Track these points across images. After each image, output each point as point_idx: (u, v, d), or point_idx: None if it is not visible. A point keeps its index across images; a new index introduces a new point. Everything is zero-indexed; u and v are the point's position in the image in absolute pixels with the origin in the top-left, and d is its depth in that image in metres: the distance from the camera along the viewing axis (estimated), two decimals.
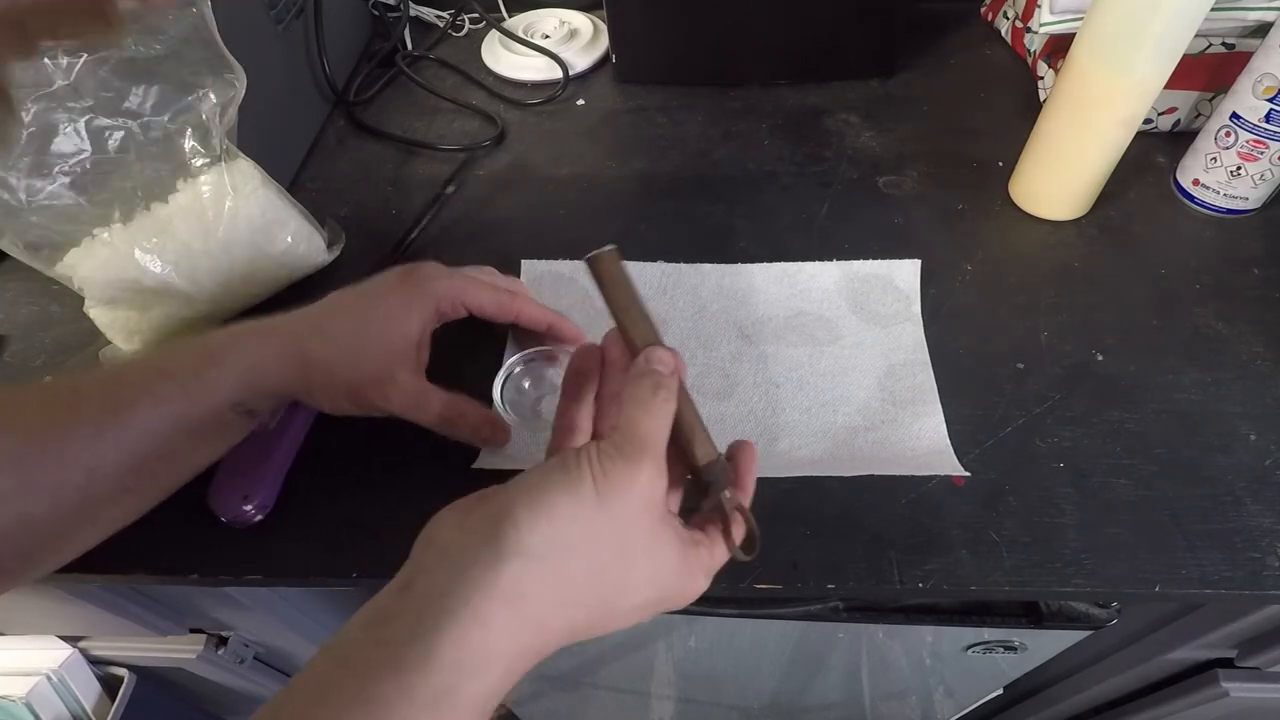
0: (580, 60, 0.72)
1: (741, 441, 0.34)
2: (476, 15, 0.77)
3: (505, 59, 0.73)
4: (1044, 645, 0.60)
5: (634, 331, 0.32)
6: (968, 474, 0.43)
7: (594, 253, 0.33)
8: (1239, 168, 0.53)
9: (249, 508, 0.41)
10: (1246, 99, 0.51)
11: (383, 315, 0.38)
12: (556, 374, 0.49)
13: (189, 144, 0.47)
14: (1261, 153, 0.52)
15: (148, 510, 0.38)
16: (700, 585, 0.31)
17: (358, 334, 0.38)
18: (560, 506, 0.26)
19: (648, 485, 0.28)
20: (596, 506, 0.27)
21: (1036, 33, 0.64)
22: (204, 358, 0.36)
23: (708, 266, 0.54)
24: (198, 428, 0.36)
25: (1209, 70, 0.57)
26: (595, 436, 0.34)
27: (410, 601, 0.25)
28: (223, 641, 0.69)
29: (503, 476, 0.45)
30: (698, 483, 0.32)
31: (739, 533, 0.32)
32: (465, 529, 0.27)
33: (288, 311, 0.39)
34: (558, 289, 0.53)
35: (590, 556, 0.27)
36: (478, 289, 0.41)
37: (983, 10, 0.76)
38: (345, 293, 0.40)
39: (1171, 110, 0.60)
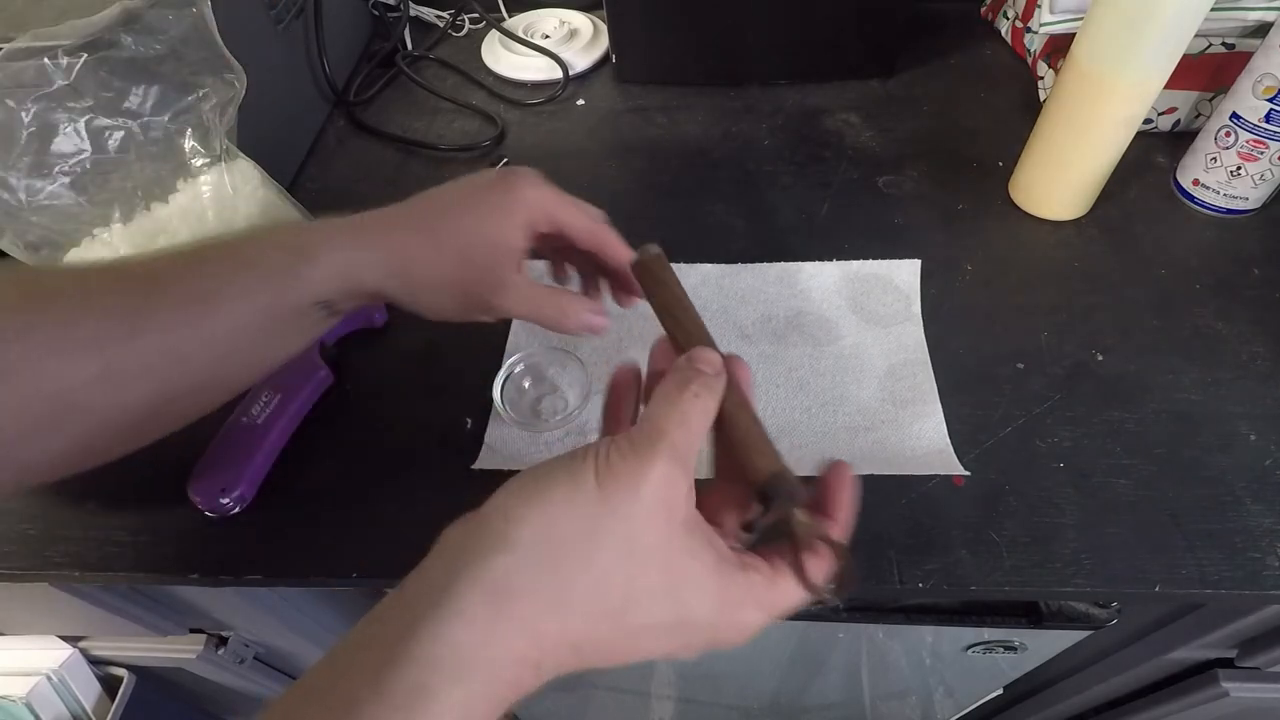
0: (580, 60, 0.72)
1: (837, 461, 0.29)
2: (476, 15, 0.77)
3: (505, 59, 0.73)
4: (1044, 645, 0.60)
5: (681, 335, 0.30)
6: (968, 474, 0.43)
7: (638, 256, 0.32)
8: (1239, 168, 0.53)
9: (226, 500, 0.42)
10: (1246, 99, 0.51)
11: (486, 217, 0.36)
12: (557, 374, 0.49)
13: (189, 144, 0.47)
14: (1261, 153, 0.52)
15: (218, 407, 0.37)
16: (751, 619, 0.26)
17: (464, 235, 0.36)
18: (554, 497, 0.24)
19: (660, 482, 0.24)
20: (598, 501, 0.24)
21: (1036, 33, 0.64)
22: (295, 253, 0.34)
23: (708, 266, 0.54)
24: (280, 323, 0.35)
25: (1209, 70, 0.57)
26: None
27: (401, 600, 0.23)
28: (223, 641, 0.69)
29: (502, 477, 0.45)
30: (760, 500, 0.27)
31: (818, 567, 0.26)
32: (466, 524, 0.25)
33: (370, 210, 0.37)
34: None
35: (588, 556, 0.23)
36: (570, 208, 0.38)
37: (983, 10, 0.76)
38: (440, 193, 0.37)
39: (1171, 110, 0.60)
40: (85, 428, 0.32)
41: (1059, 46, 0.63)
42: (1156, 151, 0.61)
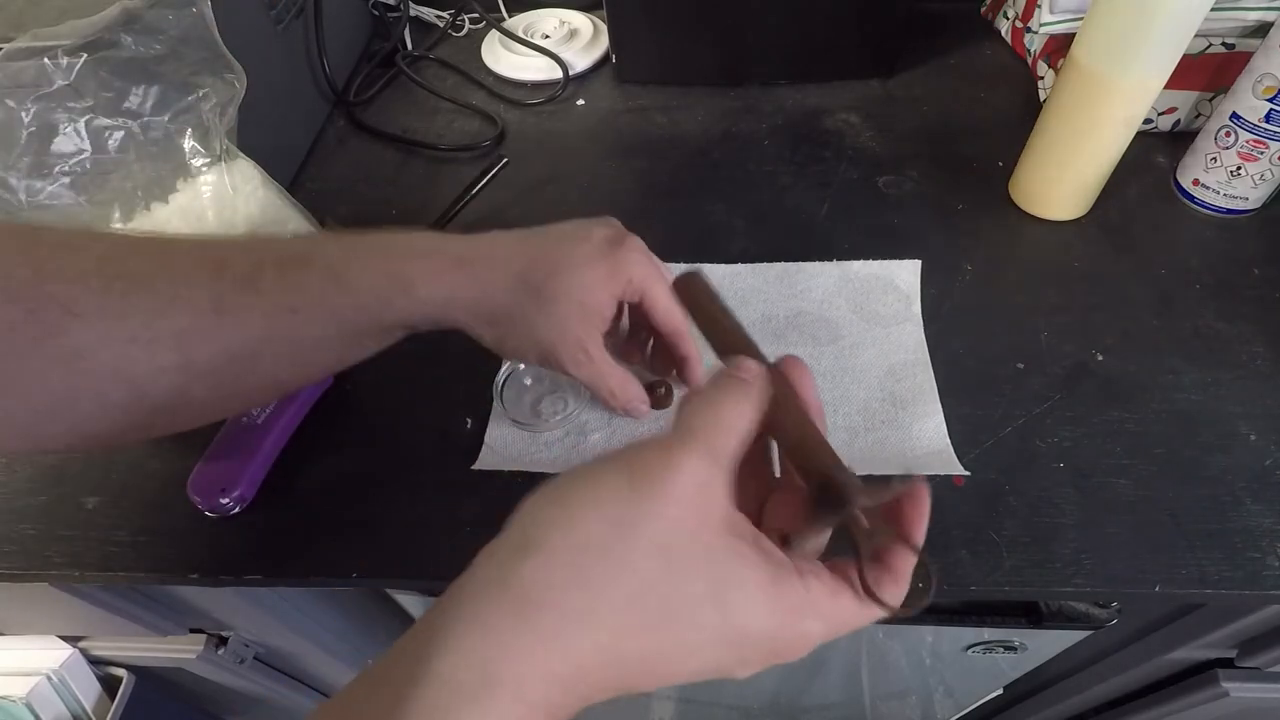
0: (580, 60, 0.72)
1: (914, 476, 0.25)
2: (476, 15, 0.77)
3: (505, 59, 0.73)
4: (1044, 645, 0.60)
5: (721, 348, 0.31)
6: (968, 474, 0.43)
7: (680, 276, 0.33)
8: (1239, 168, 0.53)
9: (226, 500, 0.42)
10: (1246, 99, 0.51)
11: (591, 283, 0.36)
12: (557, 374, 0.49)
13: (189, 144, 0.47)
14: (1261, 153, 0.52)
15: (273, 402, 0.39)
16: (813, 630, 0.24)
17: (561, 296, 0.36)
18: (580, 497, 0.22)
19: (691, 478, 0.22)
20: (625, 500, 0.22)
21: (1036, 33, 0.64)
22: (396, 281, 0.34)
23: (708, 266, 0.54)
24: (361, 339, 0.36)
25: (1209, 70, 0.57)
26: None
27: (433, 612, 0.22)
28: (223, 641, 0.69)
29: (503, 477, 0.45)
30: (815, 502, 0.25)
31: (887, 578, 0.24)
32: (506, 530, 0.23)
33: (474, 236, 0.37)
34: None
35: (619, 561, 0.21)
36: (662, 288, 0.38)
37: (983, 10, 0.76)
38: (545, 242, 0.37)
39: (1171, 110, 0.60)
40: (154, 411, 0.32)
41: (1059, 46, 0.63)
42: (1156, 151, 0.61)
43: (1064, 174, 0.54)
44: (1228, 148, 0.53)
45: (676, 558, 0.22)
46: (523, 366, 0.48)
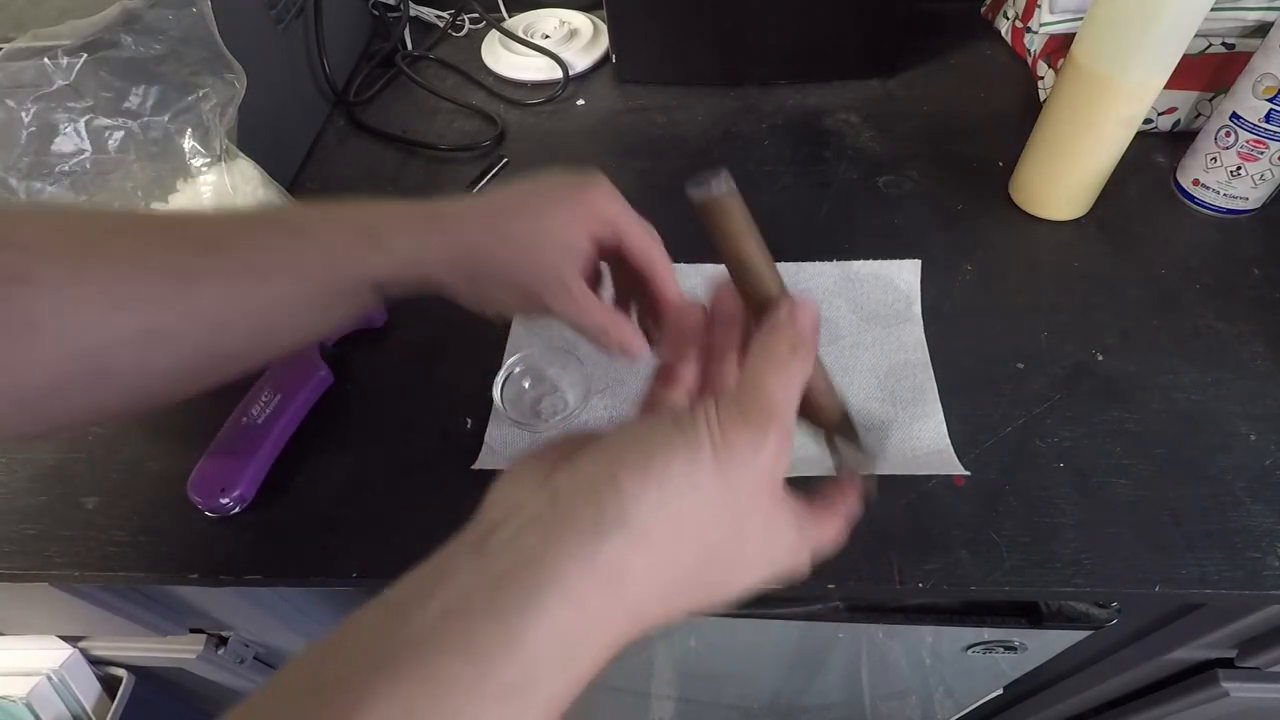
0: (580, 60, 0.72)
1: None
2: (476, 15, 0.77)
3: (505, 59, 0.73)
4: (1044, 645, 0.60)
5: (758, 284, 0.28)
6: (968, 474, 0.43)
7: (706, 190, 0.27)
8: (1239, 168, 0.53)
9: (226, 500, 0.42)
10: (1246, 99, 0.51)
11: (556, 217, 0.35)
12: (557, 374, 0.49)
13: (189, 144, 0.47)
14: (1261, 153, 0.52)
15: (247, 373, 0.36)
16: (805, 563, 0.27)
17: (532, 234, 0.35)
18: (674, 473, 0.22)
19: (773, 457, 0.23)
20: (715, 476, 0.22)
21: (1036, 33, 0.64)
22: (363, 234, 0.34)
23: (709, 266, 0.54)
24: (330, 299, 0.34)
25: (1209, 70, 0.57)
26: (702, 391, 0.31)
27: (485, 567, 0.21)
28: (223, 641, 0.69)
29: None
30: (831, 442, 0.29)
31: (851, 497, 0.29)
32: (552, 490, 0.23)
33: (441, 199, 0.36)
34: None
35: (702, 536, 0.23)
36: (634, 224, 0.37)
37: (983, 10, 0.76)
38: (514, 191, 0.37)
39: (1171, 110, 0.60)
40: (115, 387, 0.31)
41: (1059, 46, 0.63)
42: (1156, 151, 0.61)
43: (1064, 174, 0.54)
44: (1228, 148, 0.53)
45: (745, 530, 0.24)
46: (521, 367, 0.48)
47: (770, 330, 0.26)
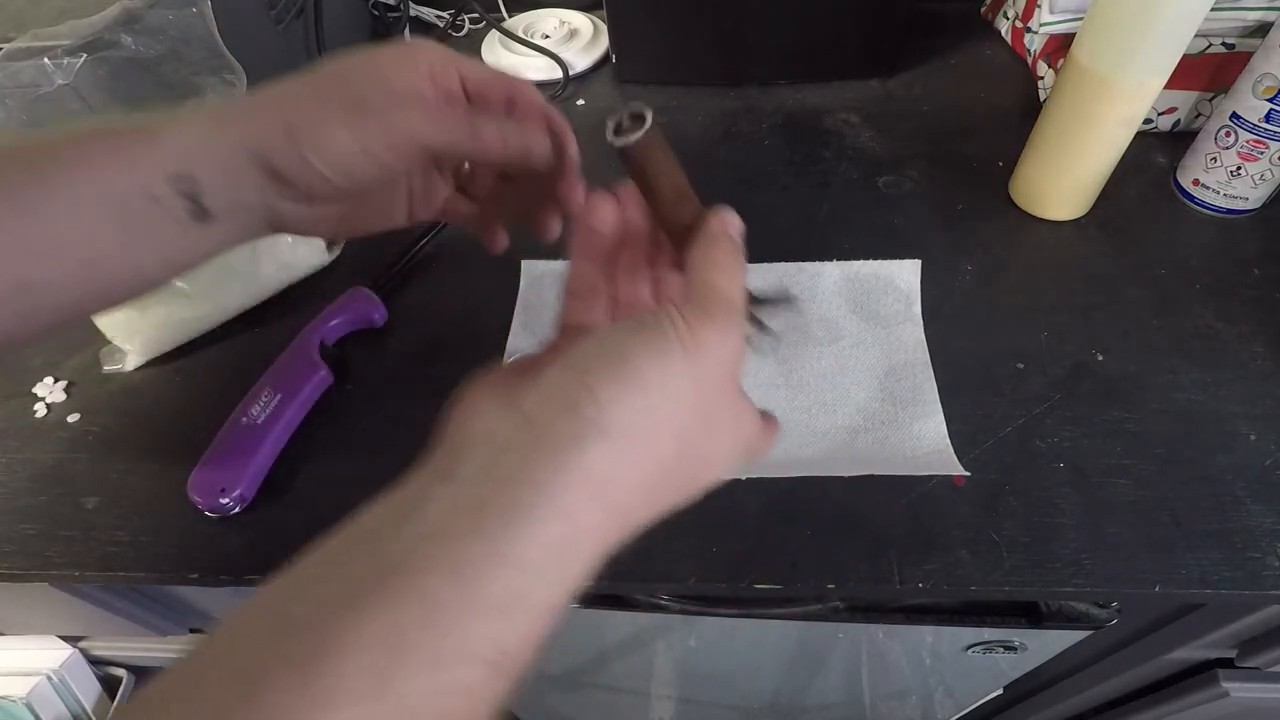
0: (580, 60, 0.72)
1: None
2: (476, 15, 0.77)
3: (505, 59, 0.73)
4: (1044, 645, 0.60)
5: (688, 208, 0.29)
6: (968, 474, 0.43)
7: (632, 137, 0.27)
8: (1239, 168, 0.53)
9: (226, 500, 0.42)
10: (1246, 99, 0.51)
11: (381, 66, 0.30)
12: None
13: None
14: (1261, 153, 0.52)
15: (96, 313, 0.32)
16: (769, 446, 0.29)
17: (355, 84, 0.29)
18: (649, 374, 0.22)
19: (735, 351, 0.25)
20: (686, 374, 0.23)
21: (1036, 33, 0.64)
22: (157, 118, 0.29)
23: None
24: (129, 210, 0.28)
25: (1209, 70, 0.57)
26: (624, 310, 0.31)
27: (461, 493, 0.21)
28: None
29: None
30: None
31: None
32: (523, 414, 0.22)
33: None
34: (559, 290, 0.53)
35: (679, 432, 0.23)
36: (472, 62, 0.33)
37: (983, 10, 0.76)
38: (325, 69, 0.30)
39: (1171, 110, 0.60)
40: None
41: (1059, 46, 0.63)
42: (1156, 151, 0.61)
43: (1064, 174, 0.54)
44: (1228, 148, 0.53)
45: (715, 421, 0.25)
46: None
47: (711, 240, 0.27)
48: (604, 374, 0.22)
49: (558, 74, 0.71)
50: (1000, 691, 0.79)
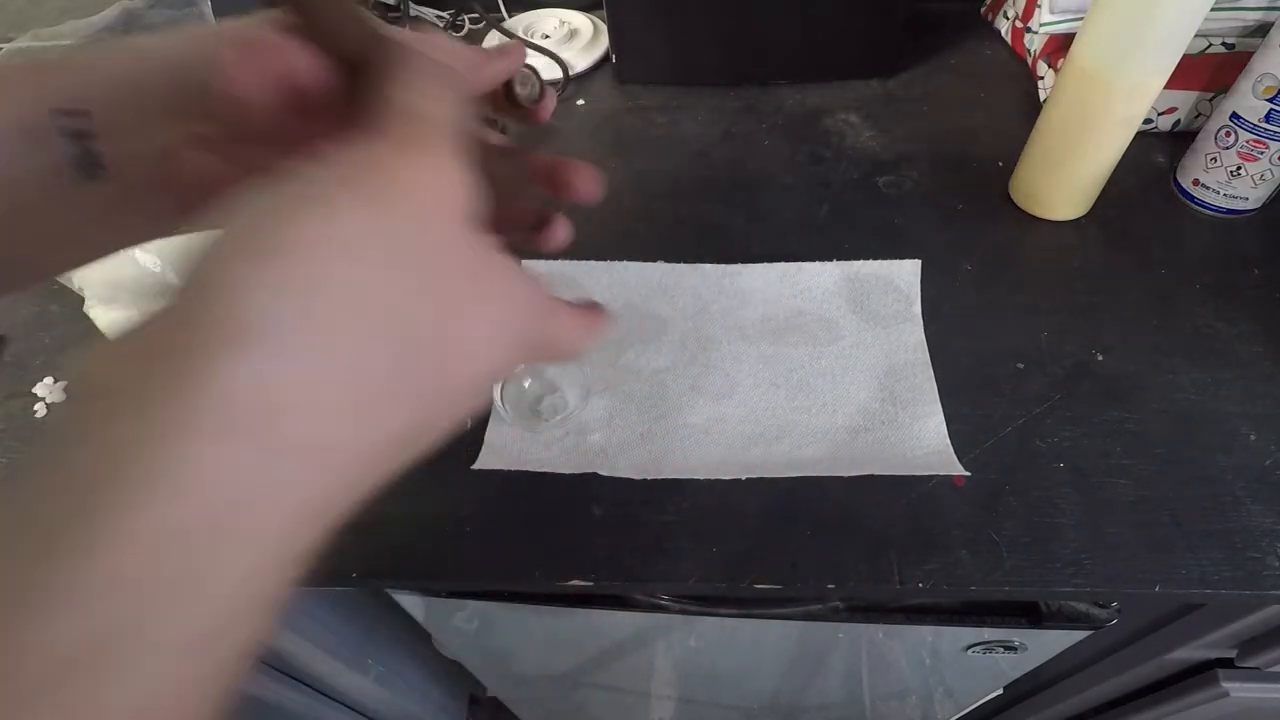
0: (580, 60, 0.72)
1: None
2: (476, 15, 0.77)
3: None
4: (1044, 645, 0.60)
5: (348, 39, 0.21)
6: (968, 474, 0.43)
7: None
8: (1239, 168, 0.53)
9: None
10: (1246, 99, 0.51)
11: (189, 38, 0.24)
12: (557, 373, 0.49)
13: None
14: (1261, 153, 0.52)
15: (26, 287, 0.26)
16: (569, 326, 0.22)
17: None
18: (310, 237, 0.15)
19: (457, 189, 0.18)
20: (376, 230, 0.16)
21: (1036, 33, 0.64)
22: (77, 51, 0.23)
23: (708, 267, 0.54)
24: (10, 152, 0.21)
25: (1209, 70, 0.57)
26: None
27: (59, 471, 0.14)
28: None
29: (503, 477, 0.45)
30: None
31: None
32: (141, 338, 0.15)
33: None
34: (559, 291, 0.53)
35: (387, 314, 0.16)
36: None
37: (983, 10, 0.76)
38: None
39: (1171, 110, 0.60)
40: None
41: (1059, 46, 0.63)
42: (1156, 151, 0.61)
43: (1064, 174, 0.54)
44: (1228, 148, 0.53)
45: (451, 286, 0.18)
46: (521, 366, 0.48)
47: (403, 60, 0.20)
48: (238, 255, 0.15)
49: (558, 74, 0.71)
50: (1000, 691, 0.79)
